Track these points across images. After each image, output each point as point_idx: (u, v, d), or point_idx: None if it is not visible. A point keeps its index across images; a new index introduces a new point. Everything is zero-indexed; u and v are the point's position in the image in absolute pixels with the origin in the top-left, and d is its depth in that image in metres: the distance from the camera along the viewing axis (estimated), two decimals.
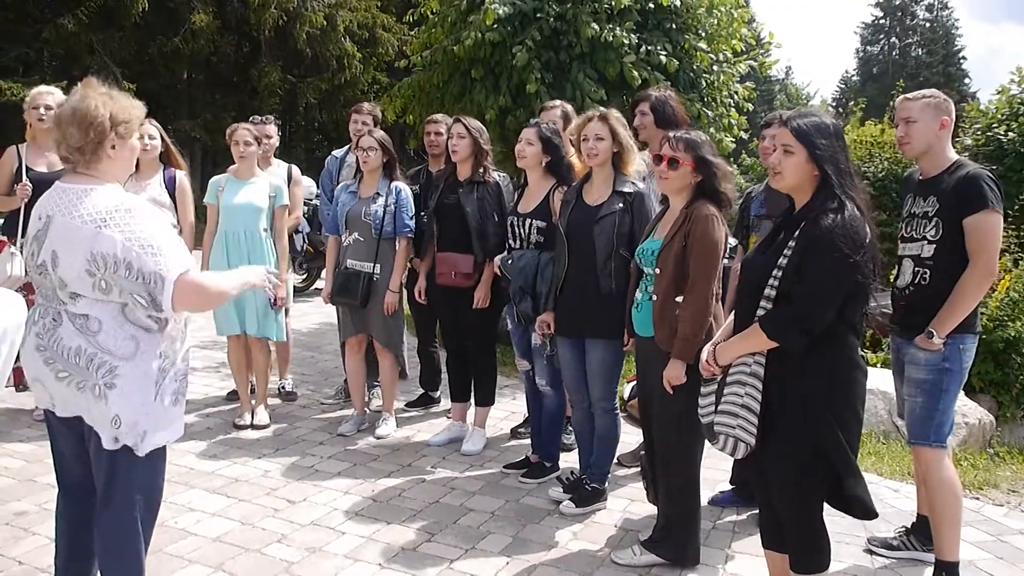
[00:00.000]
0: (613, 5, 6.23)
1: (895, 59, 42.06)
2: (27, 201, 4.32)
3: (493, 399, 4.64)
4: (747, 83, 7.28)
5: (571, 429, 4.29)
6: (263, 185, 4.83)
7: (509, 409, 5.25)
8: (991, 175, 2.98)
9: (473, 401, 4.62)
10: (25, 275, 3.93)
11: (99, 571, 2.41)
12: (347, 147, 5.54)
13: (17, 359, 2.44)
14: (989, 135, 7.75)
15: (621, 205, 3.55)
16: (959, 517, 3.05)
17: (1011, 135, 7.51)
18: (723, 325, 2.74)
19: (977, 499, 4.03)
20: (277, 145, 5.65)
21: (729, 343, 2.51)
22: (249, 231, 4.72)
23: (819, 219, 2.30)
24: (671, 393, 3.04)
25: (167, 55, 18.32)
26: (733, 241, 3.97)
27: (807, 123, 2.38)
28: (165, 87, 19.34)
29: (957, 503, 3.03)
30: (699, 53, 6.45)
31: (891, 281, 3.29)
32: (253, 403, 4.92)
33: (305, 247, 9.35)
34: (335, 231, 4.73)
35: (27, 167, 4.49)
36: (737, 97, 6.96)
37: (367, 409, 4.96)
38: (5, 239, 4.23)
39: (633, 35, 6.22)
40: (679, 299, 3.02)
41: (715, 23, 6.80)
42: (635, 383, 3.76)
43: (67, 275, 2.21)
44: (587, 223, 3.58)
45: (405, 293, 4.81)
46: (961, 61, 41.25)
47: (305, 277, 9.95)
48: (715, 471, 4.00)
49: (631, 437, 4.34)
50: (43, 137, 4.50)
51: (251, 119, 5.38)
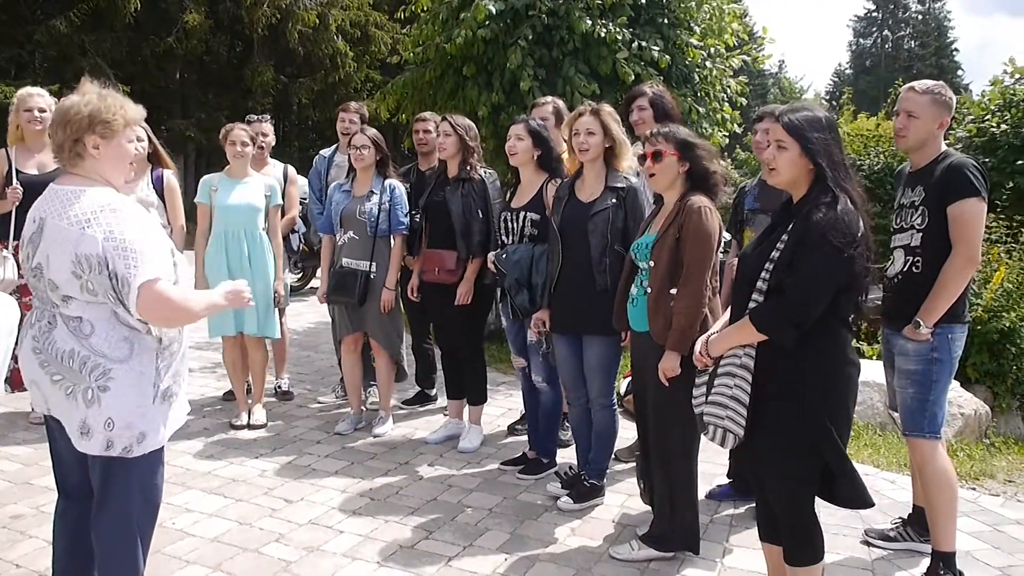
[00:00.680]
0: (605, 1, 6.22)
1: (888, 52, 42.20)
2: (17, 204, 4.31)
3: (485, 396, 4.64)
4: (740, 77, 7.28)
5: (568, 425, 4.30)
6: (258, 184, 4.81)
7: (506, 406, 5.25)
8: (976, 164, 2.99)
9: (467, 400, 4.63)
10: (18, 278, 3.92)
11: (96, 573, 2.40)
12: (334, 147, 5.56)
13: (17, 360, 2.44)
14: (982, 127, 7.76)
15: (614, 201, 3.54)
16: (955, 507, 3.06)
17: (1003, 127, 7.53)
18: (720, 319, 2.74)
19: (973, 489, 4.05)
20: (273, 144, 5.64)
21: (721, 335, 2.51)
22: (249, 231, 4.71)
23: (811, 213, 2.29)
24: (667, 385, 3.04)
25: (160, 55, 18.27)
26: (727, 235, 3.97)
27: (799, 118, 2.37)
28: (158, 87, 19.27)
29: (952, 493, 3.04)
30: (691, 49, 6.45)
31: (884, 273, 3.29)
32: (250, 403, 4.91)
33: (301, 246, 9.36)
34: (329, 230, 4.72)
35: (16, 170, 4.46)
36: (730, 91, 6.96)
37: (363, 407, 4.96)
38: None
39: (626, 30, 6.22)
40: (674, 291, 3.02)
41: (707, 18, 6.81)
42: (630, 378, 3.76)
43: (57, 277, 2.20)
44: (580, 220, 3.57)
45: (399, 290, 4.80)
46: (953, 53, 41.39)
47: (301, 276, 9.94)
48: (712, 465, 4.01)
49: (628, 432, 4.34)
50: (33, 139, 4.48)
51: (247, 118, 5.37)
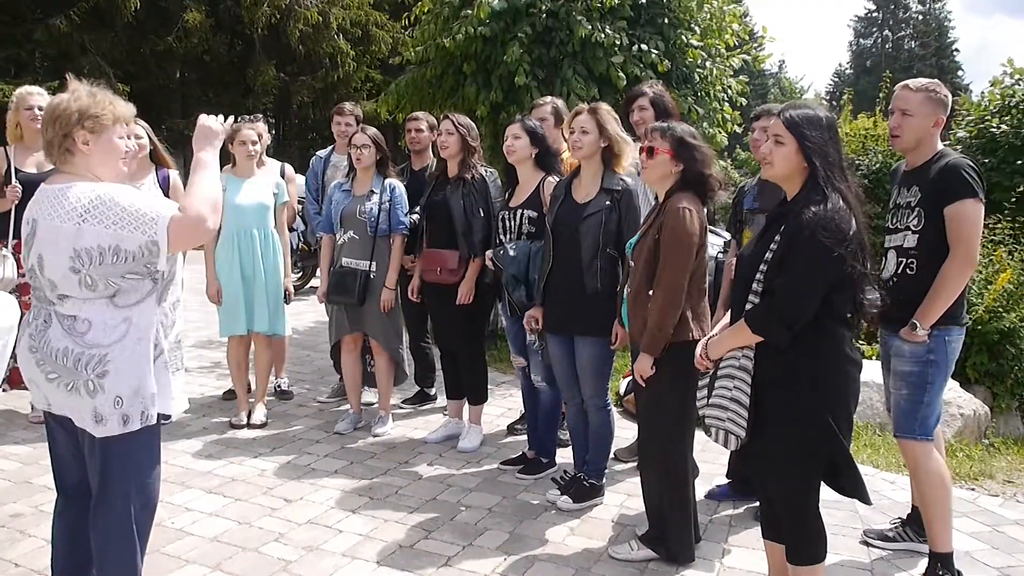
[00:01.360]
0: (604, 3, 6.22)
1: (888, 52, 42.17)
2: (17, 203, 4.31)
3: (485, 396, 4.64)
4: (741, 77, 7.28)
5: (567, 425, 4.30)
6: (266, 182, 4.81)
7: (505, 406, 5.26)
8: (972, 164, 2.97)
9: (466, 399, 4.63)
10: (18, 277, 3.92)
11: (95, 572, 2.41)
12: (331, 147, 5.57)
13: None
14: (982, 127, 7.75)
15: (608, 203, 3.50)
16: (949, 508, 3.06)
17: (1003, 127, 7.51)
18: (716, 319, 2.74)
19: (973, 490, 4.05)
20: (268, 143, 5.64)
21: (719, 337, 2.53)
22: (261, 229, 4.71)
23: (801, 212, 2.30)
24: (643, 387, 3.03)
25: (160, 54, 18.24)
26: (727, 235, 3.97)
27: (798, 115, 2.39)
28: (158, 86, 19.24)
29: (947, 494, 3.04)
30: (691, 49, 6.44)
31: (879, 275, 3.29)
32: (251, 402, 4.91)
33: (300, 245, 9.36)
34: (329, 230, 4.71)
35: (16, 168, 4.46)
36: (731, 92, 6.96)
37: (362, 407, 4.96)
38: None
39: (624, 34, 6.21)
40: (652, 292, 3.00)
41: (707, 17, 6.80)
42: (630, 378, 3.76)
43: (53, 275, 2.21)
44: (574, 221, 3.55)
45: (398, 290, 4.80)
46: (954, 54, 41.35)
47: (300, 276, 9.94)
48: (711, 465, 4.01)
49: (628, 432, 4.34)
50: (32, 137, 4.48)
51: (238, 119, 5.36)
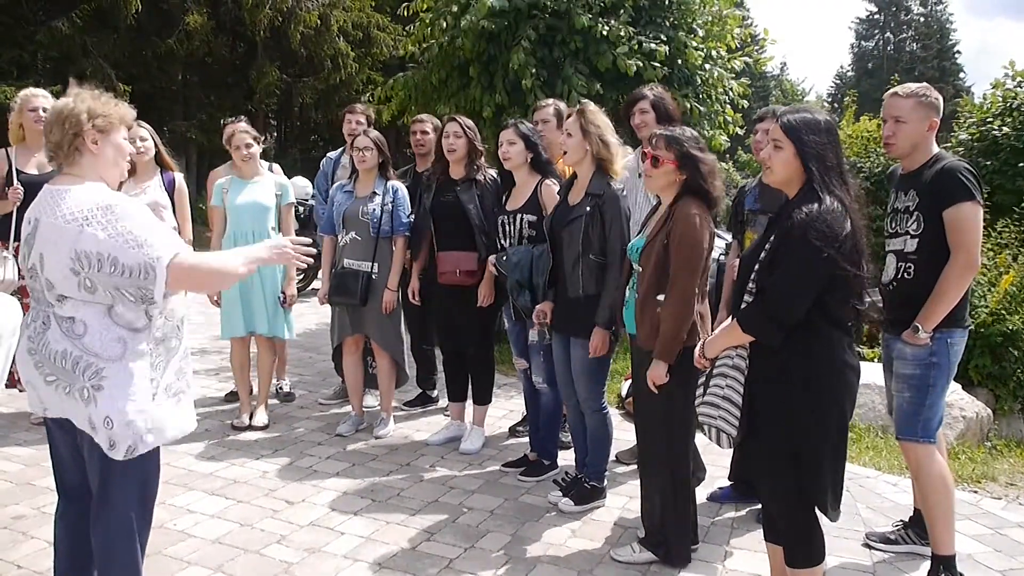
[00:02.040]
0: (605, 1, 6.22)
1: (890, 54, 42.13)
2: (18, 204, 4.32)
3: (490, 398, 4.63)
4: (742, 79, 7.28)
5: (568, 427, 4.30)
6: (268, 184, 4.82)
7: (507, 408, 5.25)
8: (969, 167, 2.97)
9: (471, 400, 4.63)
10: (19, 279, 3.92)
11: (96, 572, 2.41)
12: (342, 148, 5.54)
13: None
14: (983, 130, 7.75)
15: (589, 208, 3.48)
16: (952, 510, 3.05)
17: (1005, 129, 7.52)
18: (720, 322, 2.75)
19: (975, 492, 4.04)
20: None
21: (714, 337, 2.56)
22: (258, 231, 4.70)
23: (793, 213, 2.31)
24: (655, 392, 3.04)
25: (161, 56, 18.25)
26: (728, 237, 3.96)
27: (797, 119, 2.39)
28: (160, 88, 19.28)
29: (949, 497, 3.03)
30: (690, 50, 6.43)
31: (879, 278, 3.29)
32: (253, 404, 4.91)
33: None
34: (331, 231, 4.72)
35: (17, 170, 4.47)
36: (732, 94, 6.95)
37: (364, 409, 4.95)
38: None
39: (629, 28, 6.21)
40: (660, 297, 3.00)
41: (709, 19, 6.80)
42: (631, 380, 3.76)
43: (53, 276, 2.21)
44: (560, 225, 3.59)
45: (401, 292, 4.80)
46: (956, 56, 41.30)
47: (302, 277, 9.93)
48: (713, 467, 4.00)
49: (629, 435, 4.34)
50: (35, 139, 4.49)
51: (222, 122, 5.36)
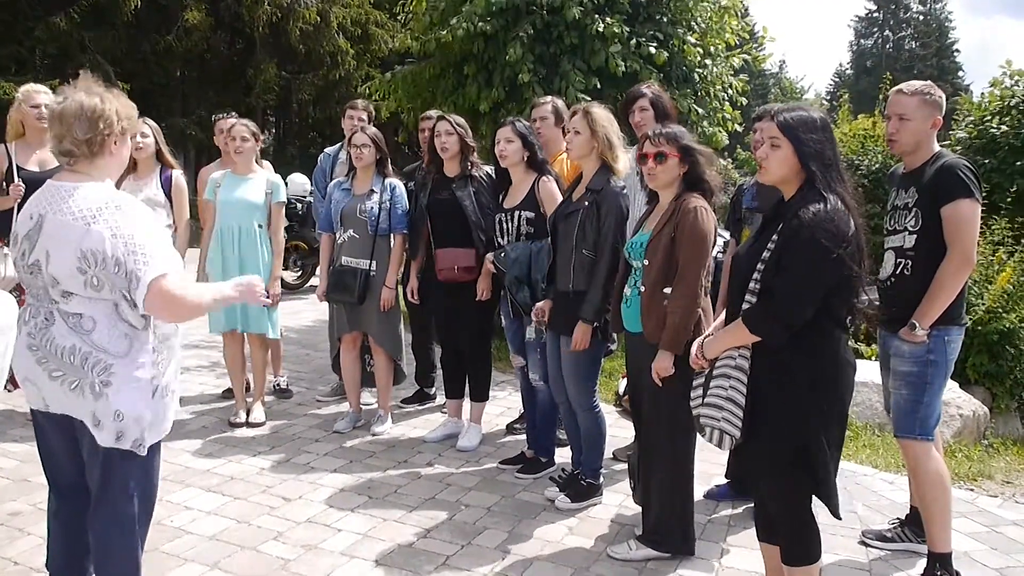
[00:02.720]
0: None
1: (889, 52, 42.12)
2: (19, 201, 4.30)
3: (488, 394, 4.63)
4: (741, 76, 7.28)
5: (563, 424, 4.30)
6: (260, 181, 4.81)
7: (504, 405, 5.26)
8: (969, 165, 2.99)
9: (468, 397, 4.63)
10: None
11: (94, 570, 2.41)
12: (340, 144, 5.53)
13: None
14: (982, 128, 7.76)
15: (587, 204, 3.51)
16: (949, 508, 3.06)
17: (1003, 128, 7.52)
18: (715, 319, 2.74)
19: (971, 490, 4.05)
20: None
21: (716, 337, 2.52)
22: (244, 227, 4.69)
23: (800, 213, 2.30)
24: (660, 386, 3.04)
25: (160, 53, 18.23)
26: (726, 234, 3.96)
27: (793, 117, 2.38)
28: (158, 85, 19.24)
29: (946, 494, 3.04)
30: (687, 47, 6.43)
31: (876, 276, 3.29)
32: (249, 401, 4.91)
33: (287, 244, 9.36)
34: (329, 228, 4.72)
35: (17, 166, 4.45)
36: (731, 91, 6.96)
37: (361, 406, 4.95)
38: None
39: (624, 26, 6.21)
40: (667, 290, 3.01)
41: (707, 15, 6.79)
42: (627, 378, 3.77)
43: (59, 273, 2.21)
44: (559, 220, 3.62)
45: (400, 290, 4.80)
46: (955, 54, 41.32)
47: (300, 274, 9.94)
48: (710, 465, 4.01)
49: (627, 431, 4.34)
50: (36, 135, 4.47)
51: (213, 117, 5.34)
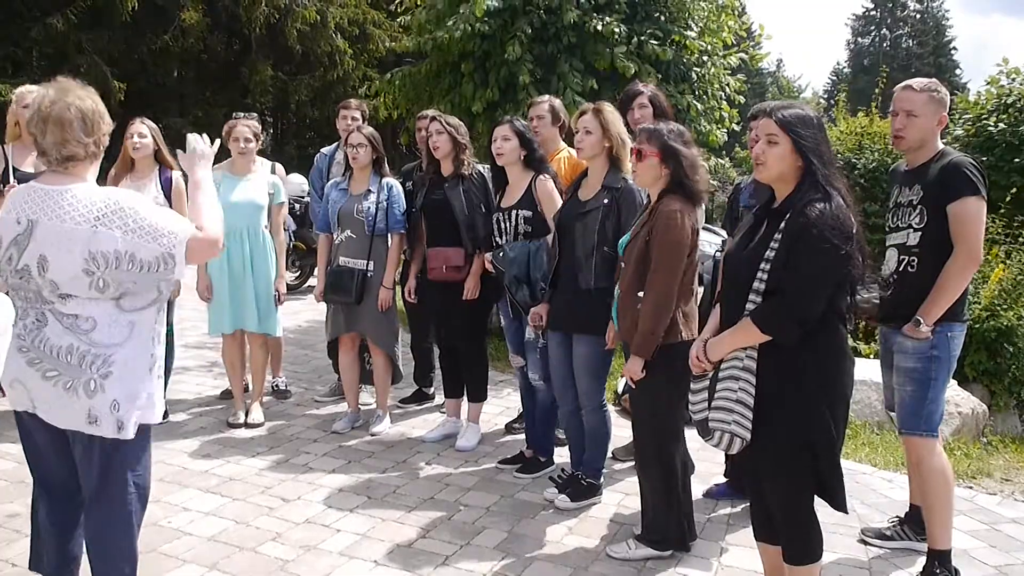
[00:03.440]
0: None
1: (886, 50, 42.12)
2: None
3: (485, 394, 4.63)
4: (738, 75, 7.28)
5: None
6: (261, 182, 4.80)
7: (503, 405, 5.25)
8: (974, 162, 2.99)
9: (466, 397, 4.62)
10: None
11: (91, 569, 2.40)
12: (336, 144, 5.52)
13: None
14: (979, 126, 7.76)
15: (607, 200, 3.51)
16: (951, 505, 3.07)
17: (1000, 126, 7.53)
18: (709, 320, 2.71)
19: (970, 488, 4.05)
20: (264, 143, 5.60)
21: (720, 338, 2.48)
22: (252, 229, 4.69)
23: (806, 210, 2.29)
24: (634, 387, 3.07)
25: (157, 53, 18.19)
26: (724, 234, 3.96)
27: (791, 114, 2.38)
28: (155, 85, 19.20)
29: (949, 491, 3.05)
30: (689, 43, 6.43)
31: (879, 273, 3.30)
32: (248, 401, 4.90)
33: (291, 244, 9.36)
34: (326, 229, 4.71)
35: (13, 167, 4.44)
36: (729, 90, 6.96)
37: (360, 406, 4.95)
38: None
39: (622, 26, 6.21)
40: (641, 294, 3.02)
41: (705, 15, 6.79)
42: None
43: (60, 277, 2.20)
44: (573, 218, 3.58)
45: (398, 290, 4.80)
46: (952, 52, 41.32)
47: (298, 275, 9.93)
48: (709, 464, 4.01)
49: (626, 431, 4.34)
50: (31, 137, 4.45)
51: (234, 115, 5.34)
